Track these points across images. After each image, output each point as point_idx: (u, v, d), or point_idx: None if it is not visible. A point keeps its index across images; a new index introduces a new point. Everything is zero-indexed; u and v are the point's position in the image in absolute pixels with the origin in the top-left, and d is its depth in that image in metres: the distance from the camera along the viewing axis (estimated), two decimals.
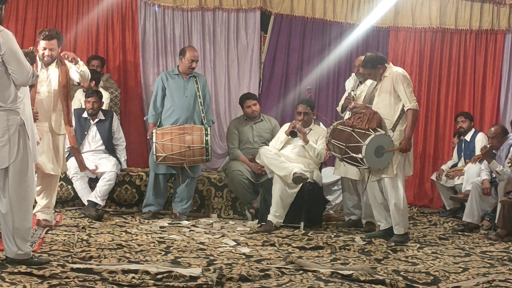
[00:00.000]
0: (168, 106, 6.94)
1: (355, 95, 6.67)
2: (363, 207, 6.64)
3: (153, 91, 7.19)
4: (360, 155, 5.81)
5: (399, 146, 5.89)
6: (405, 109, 5.91)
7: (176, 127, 6.78)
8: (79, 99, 7.43)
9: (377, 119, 5.93)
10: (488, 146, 6.92)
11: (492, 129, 7.07)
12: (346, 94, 6.90)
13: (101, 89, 7.60)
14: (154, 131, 6.74)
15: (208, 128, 6.81)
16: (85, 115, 7.07)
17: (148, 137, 7.33)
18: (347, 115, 6.60)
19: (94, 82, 7.44)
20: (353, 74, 7.05)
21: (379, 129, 5.89)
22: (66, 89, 5.85)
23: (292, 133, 6.72)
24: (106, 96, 7.69)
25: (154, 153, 6.66)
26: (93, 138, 7.07)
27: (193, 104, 6.93)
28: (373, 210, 6.23)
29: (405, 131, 5.93)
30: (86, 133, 7.04)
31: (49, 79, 5.77)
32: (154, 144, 6.66)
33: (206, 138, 6.67)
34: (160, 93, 6.98)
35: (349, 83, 7.05)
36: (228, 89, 8.70)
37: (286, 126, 6.98)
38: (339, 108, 7.02)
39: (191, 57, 6.91)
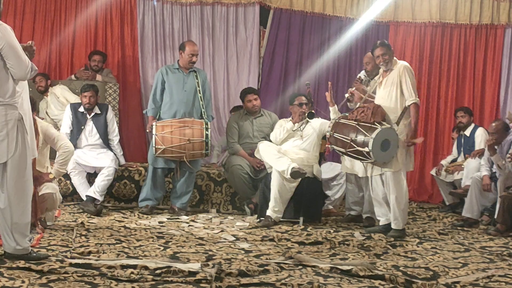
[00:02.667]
0: (166, 100, 6.92)
1: (368, 80, 6.61)
2: (365, 202, 6.62)
3: (153, 85, 7.17)
4: (366, 149, 5.79)
5: (406, 139, 5.88)
6: (407, 103, 5.89)
7: (176, 120, 6.75)
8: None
9: (381, 112, 5.91)
10: (493, 139, 6.84)
11: (493, 124, 7.02)
12: None
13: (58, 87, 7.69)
14: (154, 123, 6.71)
15: (209, 123, 6.79)
16: (81, 109, 7.05)
17: (147, 130, 7.31)
18: None
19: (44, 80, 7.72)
20: (362, 71, 6.98)
21: (384, 123, 5.88)
22: None
23: (310, 115, 6.67)
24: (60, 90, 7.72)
25: (154, 145, 6.63)
26: (90, 133, 7.04)
27: (192, 99, 6.91)
28: (374, 205, 6.22)
29: (409, 125, 5.92)
30: (82, 127, 7.02)
31: None
32: (153, 136, 6.63)
33: (206, 132, 6.65)
34: (159, 87, 6.96)
35: None
36: (227, 84, 8.68)
37: (283, 121, 6.96)
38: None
39: (190, 52, 6.89)
